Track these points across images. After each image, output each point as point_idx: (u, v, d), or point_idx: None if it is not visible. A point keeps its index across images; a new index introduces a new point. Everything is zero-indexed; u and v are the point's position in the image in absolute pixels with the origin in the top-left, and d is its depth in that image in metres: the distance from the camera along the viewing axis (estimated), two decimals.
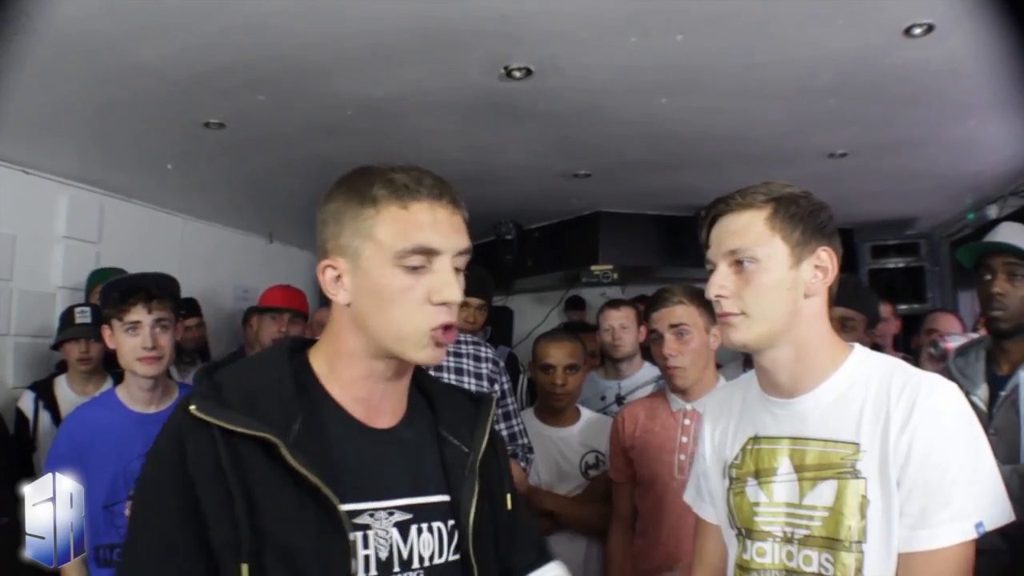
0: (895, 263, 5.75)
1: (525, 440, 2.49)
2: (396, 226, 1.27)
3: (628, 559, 2.70)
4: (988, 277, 2.43)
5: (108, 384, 3.55)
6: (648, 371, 3.76)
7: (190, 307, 4.61)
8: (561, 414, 3.09)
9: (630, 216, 5.62)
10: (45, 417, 3.52)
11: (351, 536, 1.21)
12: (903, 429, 1.39)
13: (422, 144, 4.05)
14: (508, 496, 1.47)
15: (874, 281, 5.59)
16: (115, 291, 2.52)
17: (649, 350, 2.84)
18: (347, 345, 1.32)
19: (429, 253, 1.28)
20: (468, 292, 4.05)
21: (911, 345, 4.29)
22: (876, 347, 3.22)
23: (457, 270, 1.34)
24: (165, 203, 5.05)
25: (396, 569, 1.28)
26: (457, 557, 1.35)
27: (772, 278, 1.48)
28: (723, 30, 2.76)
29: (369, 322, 1.29)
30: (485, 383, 2.40)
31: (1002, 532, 1.84)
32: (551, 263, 6.08)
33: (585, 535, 2.96)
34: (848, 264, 5.65)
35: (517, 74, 3.06)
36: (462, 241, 1.35)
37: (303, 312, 3.86)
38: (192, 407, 1.18)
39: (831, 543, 1.45)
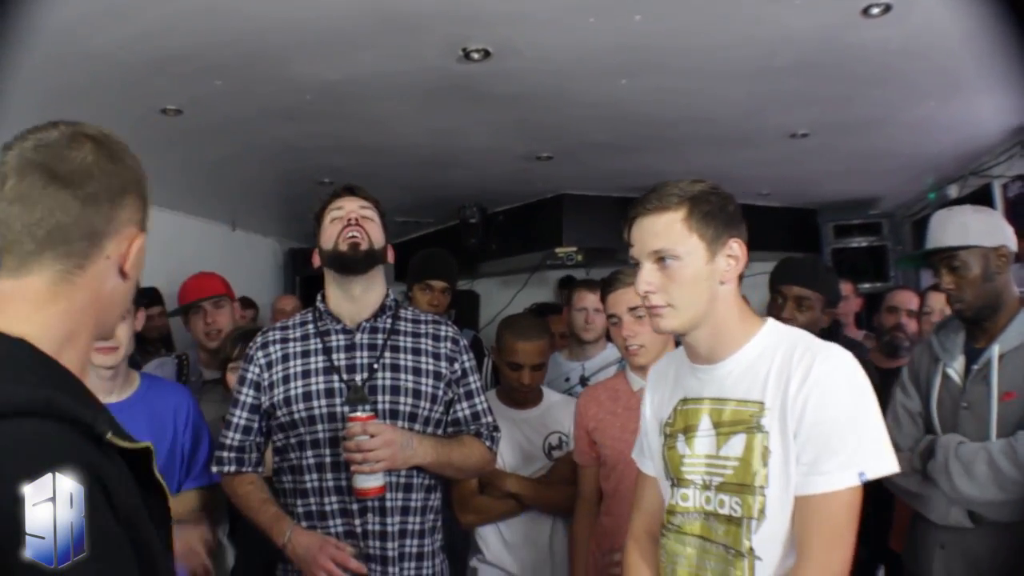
0: (858, 242, 5.78)
1: (490, 419, 2.48)
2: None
3: (592, 539, 2.71)
4: (936, 277, 2.56)
5: None
6: (611, 352, 3.77)
7: (152, 296, 4.56)
8: (523, 397, 3.10)
9: (593, 198, 5.62)
10: None
11: None
12: (799, 389, 1.58)
13: (383, 128, 4.04)
14: None
15: (837, 260, 5.64)
16: None
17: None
18: (99, 319, 1.21)
19: None
20: (431, 275, 4.09)
21: (873, 323, 4.33)
22: (836, 324, 3.27)
23: None
24: None
25: None
26: None
27: (692, 272, 1.66)
28: (681, 10, 2.75)
29: (124, 300, 1.26)
30: (444, 362, 2.39)
31: (970, 513, 2.31)
32: (516, 246, 6.07)
33: (550, 516, 2.97)
34: (811, 243, 5.79)
35: (475, 56, 3.04)
36: None
37: (221, 293, 3.77)
38: (110, 434, 1.05)
39: (740, 488, 1.65)
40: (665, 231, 1.66)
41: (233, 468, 2.37)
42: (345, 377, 2.28)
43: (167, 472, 2.55)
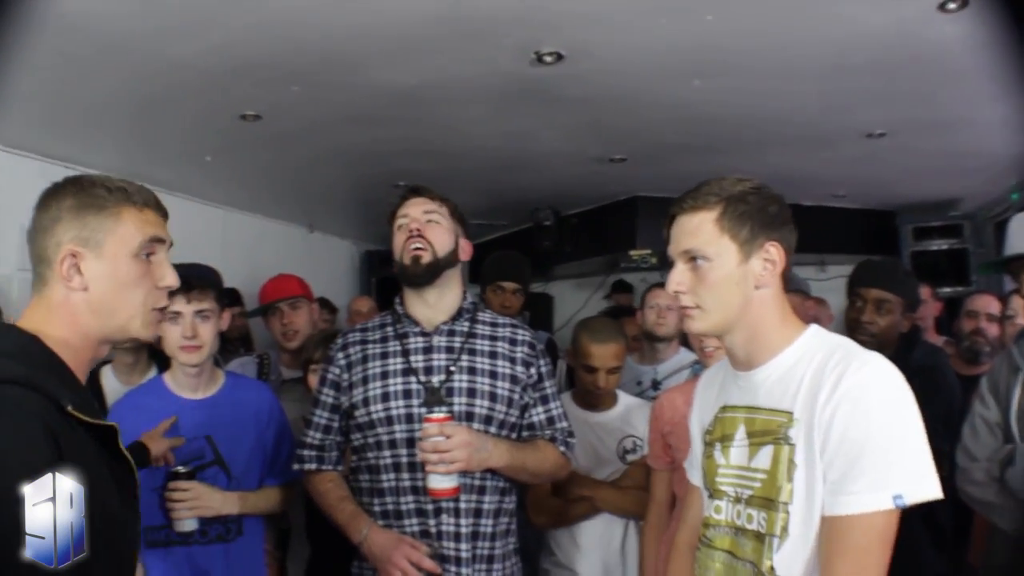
0: (938, 245, 5.64)
1: (564, 424, 2.48)
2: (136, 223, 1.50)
3: (664, 544, 2.69)
4: (1015, 283, 2.57)
5: (153, 373, 3.62)
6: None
7: (232, 297, 4.67)
8: (599, 401, 3.09)
9: (668, 200, 5.47)
10: None
11: None
12: (828, 400, 1.48)
13: (457, 132, 4.08)
14: None
15: (916, 263, 5.49)
16: None
17: (687, 336, 2.83)
18: (82, 327, 1.45)
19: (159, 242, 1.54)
20: (503, 277, 4.11)
21: (952, 329, 4.21)
22: (916, 329, 3.18)
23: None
24: (206, 195, 5.13)
25: None
26: None
27: (723, 274, 1.61)
28: (753, 9, 2.72)
29: (110, 305, 1.47)
30: (519, 367, 2.39)
31: None
32: (590, 248, 6.07)
33: (623, 519, 2.96)
34: (889, 246, 5.66)
35: (548, 59, 3.05)
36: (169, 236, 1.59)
37: (298, 295, 3.85)
38: (70, 407, 1.28)
39: (767, 503, 1.58)
40: (696, 230, 1.62)
41: (314, 466, 2.42)
42: (422, 379, 2.31)
43: (249, 467, 2.62)
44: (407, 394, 2.30)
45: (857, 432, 1.44)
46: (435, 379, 2.30)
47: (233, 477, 2.60)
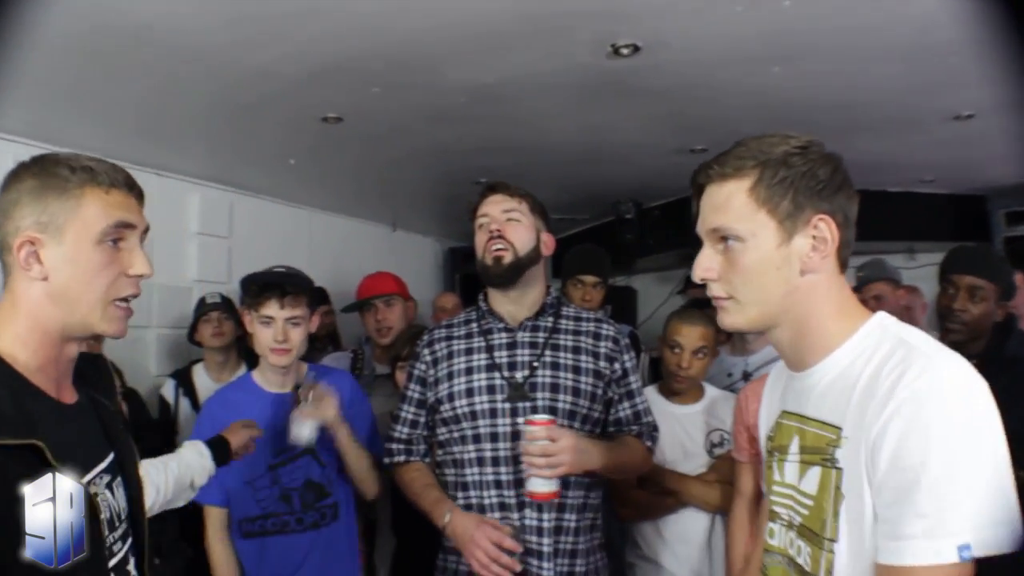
0: None
1: (650, 418, 2.48)
2: (100, 206, 1.36)
3: (750, 538, 2.66)
4: None
5: (243, 370, 3.73)
6: None
7: (319, 296, 4.76)
8: (685, 392, 3.07)
9: None
10: (184, 403, 3.73)
11: (103, 515, 1.32)
12: (878, 414, 1.17)
13: (536, 127, 4.08)
14: None
15: (1009, 249, 5.31)
16: (253, 284, 2.67)
17: None
18: (42, 322, 1.34)
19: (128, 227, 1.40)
20: (583, 270, 4.12)
21: None
22: (1011, 318, 3.08)
23: None
24: (291, 197, 5.25)
25: (116, 525, 1.40)
26: (126, 505, 1.46)
27: (759, 258, 1.31)
28: None
29: (71, 296, 1.34)
30: (603, 362, 2.39)
31: None
32: (672, 241, 6.01)
33: (709, 513, 2.94)
34: (980, 232, 5.50)
35: (625, 51, 3.03)
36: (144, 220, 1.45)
37: (392, 292, 3.92)
38: None
39: (812, 536, 1.30)
40: (726, 204, 1.32)
41: (402, 458, 2.47)
42: (506, 375, 2.33)
43: (329, 447, 2.67)
44: (491, 389, 2.32)
45: (912, 458, 1.12)
46: (518, 375, 2.32)
47: (324, 464, 2.67)
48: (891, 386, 1.17)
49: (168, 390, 3.87)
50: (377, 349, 3.83)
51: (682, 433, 3.01)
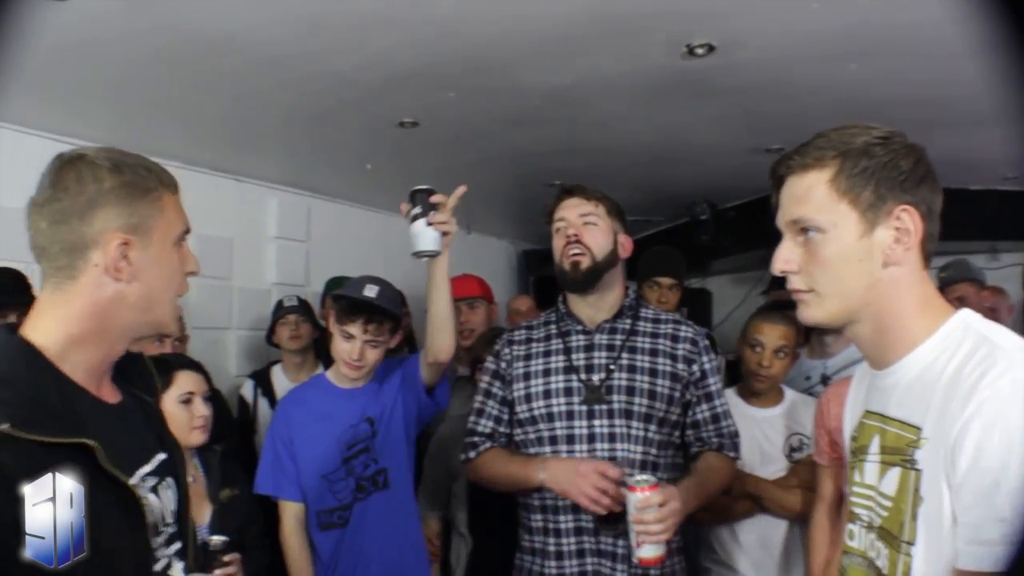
0: None
1: (730, 422, 2.45)
2: (175, 208, 1.40)
3: (831, 544, 2.62)
4: None
5: (319, 370, 3.81)
6: (856, 350, 3.61)
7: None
8: (764, 394, 3.03)
9: None
10: (263, 403, 3.81)
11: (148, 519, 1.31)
12: (959, 415, 1.14)
13: (610, 129, 4.08)
14: None
15: None
16: (344, 300, 2.74)
17: None
18: (109, 322, 1.32)
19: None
20: (659, 272, 4.09)
21: None
22: None
23: None
24: (366, 200, 5.33)
25: (161, 529, 1.37)
26: (175, 508, 1.43)
27: (840, 250, 1.29)
28: None
29: (154, 297, 1.35)
30: (681, 364, 2.38)
31: None
32: (748, 242, 5.92)
33: (787, 519, 2.90)
34: None
35: (700, 51, 3.01)
36: None
37: (476, 295, 3.96)
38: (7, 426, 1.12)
39: (890, 539, 1.27)
40: (806, 195, 1.31)
41: (488, 444, 2.45)
42: (583, 377, 2.33)
43: (398, 439, 2.74)
44: (568, 392, 2.33)
45: (992, 459, 1.09)
46: (595, 377, 2.32)
47: (376, 433, 2.74)
48: (972, 385, 1.14)
49: (247, 390, 3.96)
50: (459, 350, 3.87)
51: (761, 437, 2.97)
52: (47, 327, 1.27)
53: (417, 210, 2.34)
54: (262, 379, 3.96)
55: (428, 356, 2.65)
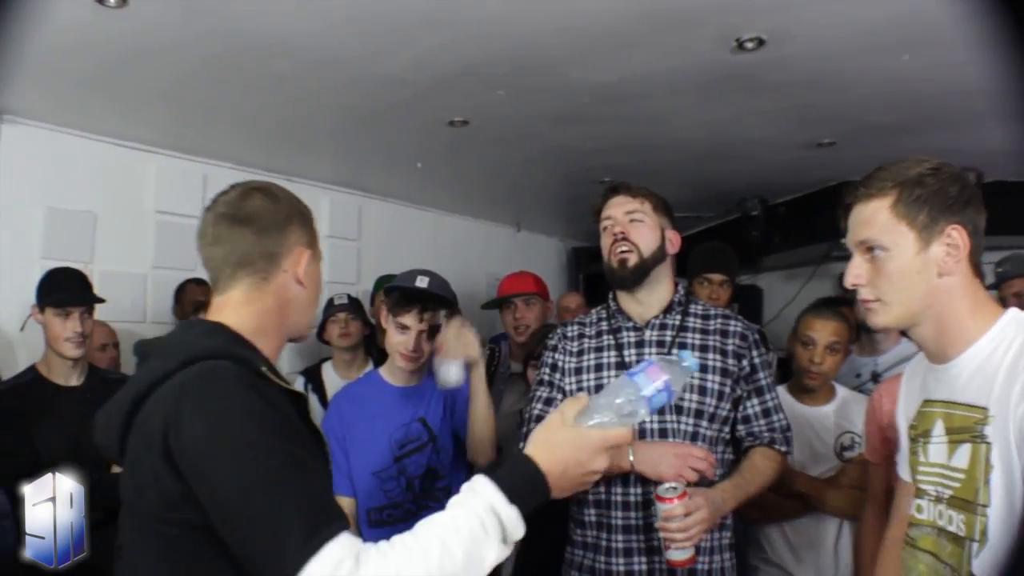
0: None
1: (781, 416, 2.42)
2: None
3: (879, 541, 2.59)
4: None
5: (369, 367, 3.84)
6: (907, 346, 3.56)
7: None
8: (815, 392, 3.01)
9: None
10: (314, 399, 3.85)
11: None
12: (1023, 394, 1.39)
13: (659, 125, 4.07)
14: None
15: None
16: (397, 291, 2.76)
17: None
18: (284, 323, 1.58)
19: None
20: (709, 268, 4.07)
21: None
22: None
23: None
24: (417, 200, 5.37)
25: None
26: None
27: (901, 264, 1.54)
28: None
29: (312, 303, 1.64)
30: (731, 359, 2.37)
31: None
32: (800, 238, 5.86)
33: (837, 518, 2.87)
34: None
35: (749, 45, 2.99)
36: None
37: (532, 292, 3.98)
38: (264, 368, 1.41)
39: (965, 504, 1.50)
40: (871, 219, 1.57)
41: None
42: None
43: (449, 436, 2.75)
44: None
45: None
46: None
47: (440, 451, 2.73)
48: None
49: (298, 386, 4.01)
50: (513, 347, 3.89)
51: (812, 435, 2.95)
52: (241, 318, 1.51)
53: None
54: (313, 376, 4.01)
55: (468, 452, 2.74)
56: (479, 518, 1.29)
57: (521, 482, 1.35)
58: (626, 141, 4.33)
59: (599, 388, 2.33)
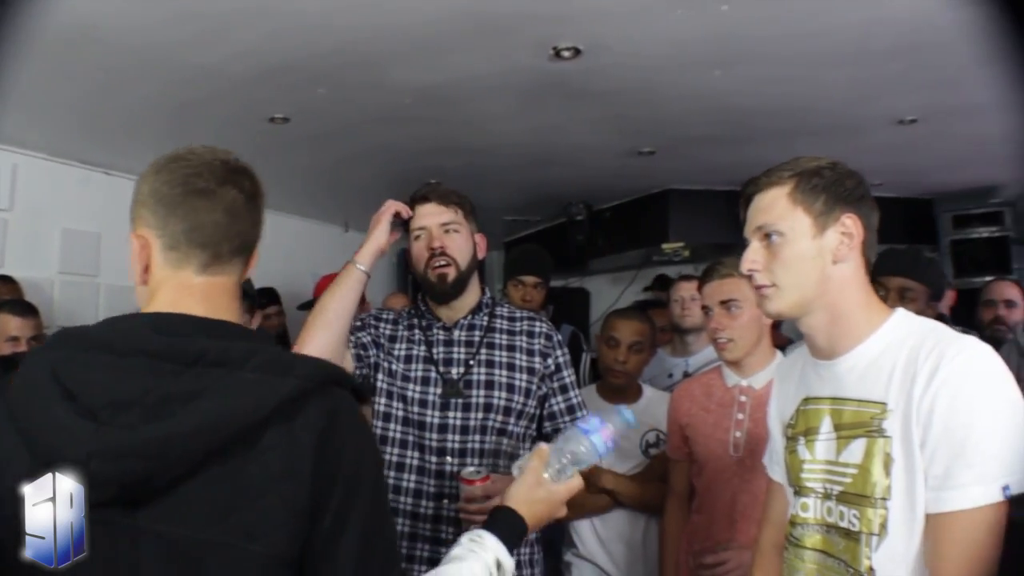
0: (978, 233, 5.49)
1: (584, 412, 2.50)
2: None
3: (684, 536, 2.70)
4: None
5: None
6: (713, 349, 3.73)
7: (270, 296, 4.77)
8: (623, 392, 3.10)
9: (699, 192, 5.52)
10: None
11: None
12: (926, 389, 1.41)
13: (483, 128, 4.10)
14: None
15: (956, 252, 5.40)
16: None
17: None
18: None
19: None
20: (523, 271, 4.11)
21: (975, 318, 4.04)
22: (941, 319, 3.14)
23: None
24: None
25: None
26: None
27: (797, 249, 1.56)
28: None
29: None
30: (537, 358, 2.42)
31: None
32: (623, 242, 6.05)
33: (644, 513, 2.97)
34: (928, 235, 5.56)
35: (566, 54, 3.05)
36: None
37: None
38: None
39: (859, 499, 1.52)
40: (770, 206, 1.60)
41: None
42: (442, 370, 2.35)
43: None
44: (425, 381, 2.34)
45: (959, 422, 1.38)
46: (454, 371, 2.34)
47: None
48: (934, 366, 1.42)
49: None
50: None
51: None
52: (236, 313, 1.36)
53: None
54: None
55: None
56: (488, 570, 1.42)
57: (513, 535, 1.53)
58: (452, 143, 4.34)
59: (406, 378, 2.34)
